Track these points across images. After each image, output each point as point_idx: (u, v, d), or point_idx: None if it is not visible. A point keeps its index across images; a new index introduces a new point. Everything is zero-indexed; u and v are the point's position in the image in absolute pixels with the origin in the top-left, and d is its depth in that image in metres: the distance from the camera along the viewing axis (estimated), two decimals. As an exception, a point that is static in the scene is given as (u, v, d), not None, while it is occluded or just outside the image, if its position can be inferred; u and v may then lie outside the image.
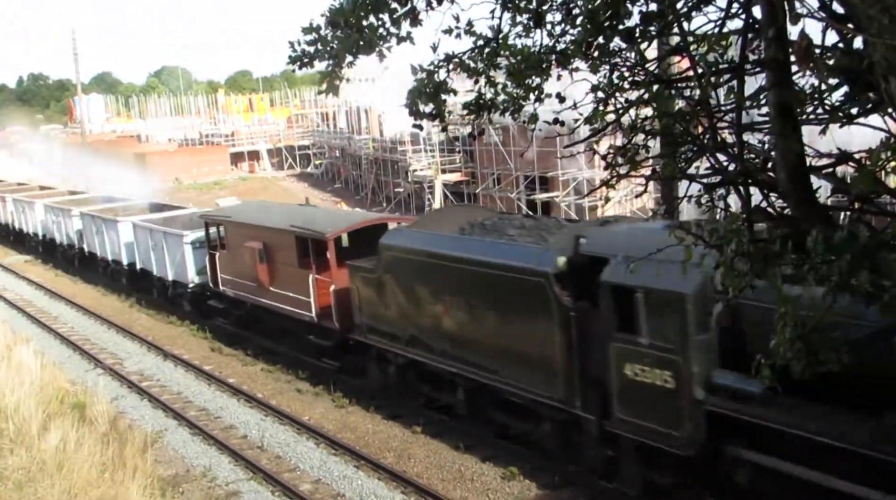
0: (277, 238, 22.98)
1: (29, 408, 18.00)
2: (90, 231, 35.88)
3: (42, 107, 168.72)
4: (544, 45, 5.74)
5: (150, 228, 30.52)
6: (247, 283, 24.39)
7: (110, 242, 33.90)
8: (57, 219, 40.11)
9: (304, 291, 21.76)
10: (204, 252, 27.10)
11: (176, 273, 28.89)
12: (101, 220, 34.73)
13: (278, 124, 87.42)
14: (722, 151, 4.92)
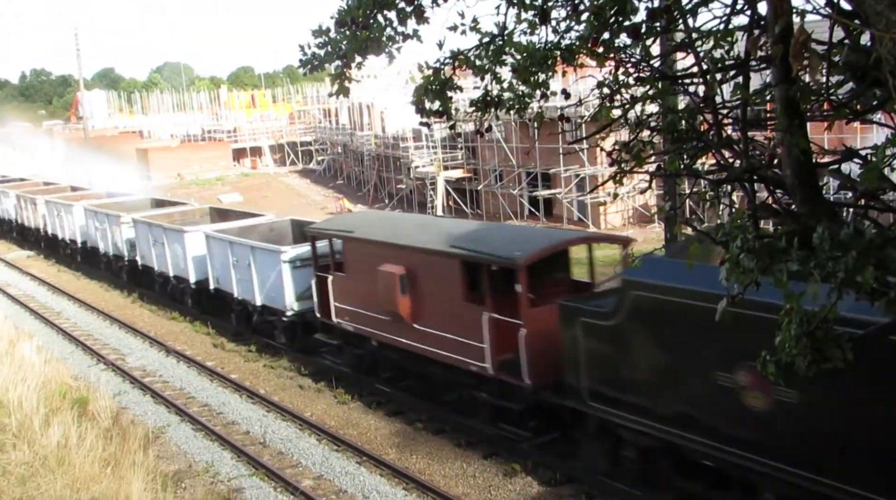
0: (430, 262, 17.67)
1: (31, 403, 18.05)
2: (145, 241, 31.16)
3: (44, 103, 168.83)
4: (549, 41, 5.74)
5: (231, 240, 25.54)
6: (377, 316, 19.37)
7: (173, 256, 29.10)
8: (101, 226, 35.12)
9: (474, 333, 16.55)
10: (307, 273, 22.39)
11: (267, 297, 24.09)
12: (163, 229, 29.64)
13: (280, 120, 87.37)
14: (727, 148, 4.92)
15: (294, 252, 22.86)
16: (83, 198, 41.42)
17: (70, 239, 39.36)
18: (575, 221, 44.66)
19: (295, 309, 23.08)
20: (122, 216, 33.03)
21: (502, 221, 47.47)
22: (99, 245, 35.83)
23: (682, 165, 5.12)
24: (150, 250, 30.78)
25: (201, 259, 27.41)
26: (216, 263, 26.66)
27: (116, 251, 34.13)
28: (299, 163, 79.23)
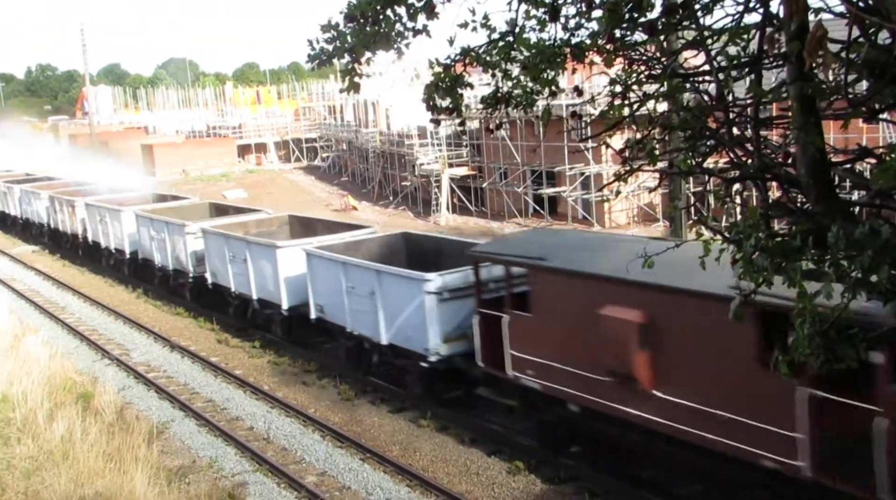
0: (692, 308, 12.53)
1: (36, 398, 18.08)
2: (219, 256, 26.56)
3: (50, 98, 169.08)
4: (559, 38, 5.72)
5: (345, 261, 20.63)
6: (585, 374, 14.44)
7: (258, 275, 24.40)
8: (160, 235, 30.46)
9: (775, 414, 11.59)
10: (461, 308, 17.72)
11: (399, 334, 19.04)
12: (245, 243, 25.03)
13: (285, 117, 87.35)
14: (739, 146, 4.89)
15: (440, 281, 17.80)
16: (135, 203, 36.79)
17: (117, 249, 34.75)
18: (579, 219, 44.63)
19: (441, 353, 17.80)
20: (187, 226, 28.38)
21: (507, 220, 47.48)
22: (154, 257, 31.27)
23: (693, 163, 5.10)
24: (224, 267, 26.05)
25: (297, 280, 22.78)
26: (322, 287, 21.65)
27: (178, 266, 29.51)
28: (304, 159, 79.22)
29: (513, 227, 46.20)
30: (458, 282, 17.91)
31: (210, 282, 27.56)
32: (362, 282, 19.85)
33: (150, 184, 55.02)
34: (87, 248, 38.45)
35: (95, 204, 36.83)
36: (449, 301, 17.85)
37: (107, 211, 35.33)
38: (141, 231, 32.19)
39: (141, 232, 32.20)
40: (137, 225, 32.49)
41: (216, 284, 27.28)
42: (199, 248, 28.07)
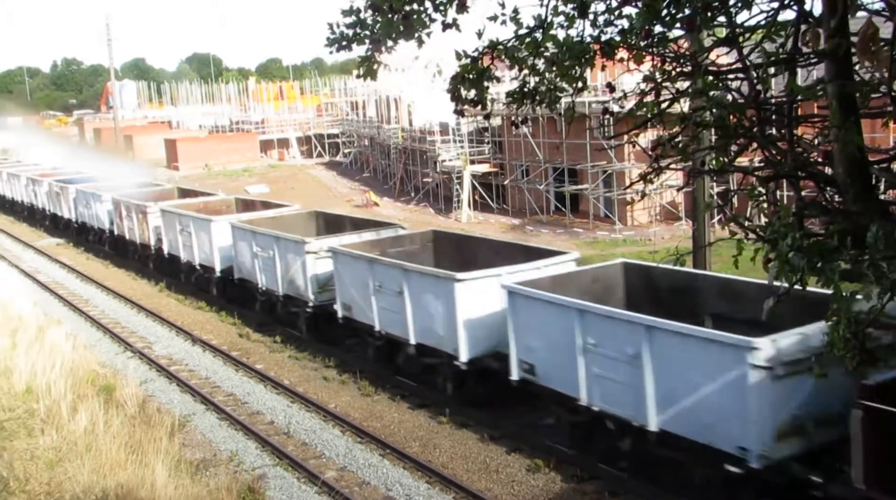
0: None
1: (60, 389, 18.21)
2: (361, 287, 20.62)
3: (76, 92, 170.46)
4: (588, 34, 5.68)
5: (584, 309, 14.95)
6: None
7: (421, 316, 18.89)
8: (264, 251, 25.13)
9: None
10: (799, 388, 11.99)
11: (690, 422, 13.24)
12: (405, 273, 19.09)
13: (308, 112, 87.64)
14: (773, 145, 4.83)
15: (775, 349, 11.89)
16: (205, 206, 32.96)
17: (203, 264, 29.57)
18: (601, 217, 44.46)
19: (771, 457, 12.15)
20: (308, 243, 23.16)
21: (528, 217, 47.38)
22: (257, 278, 25.97)
23: (726, 161, 5.05)
24: (368, 303, 20.36)
25: (481, 326, 17.66)
26: (542, 338, 16.05)
27: (293, 291, 24.16)
28: (326, 155, 79.44)
29: (534, 224, 46.11)
30: (796, 349, 11.87)
31: (341, 316, 22.01)
32: (622, 344, 14.19)
33: (161, 178, 55.33)
34: (162, 262, 33.25)
35: (175, 211, 31.63)
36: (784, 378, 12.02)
37: (191, 220, 30.06)
38: (239, 246, 26.99)
39: (239, 247, 27.00)
40: (234, 238, 27.25)
41: (350, 318, 21.73)
42: (324, 270, 22.66)
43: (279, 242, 24.45)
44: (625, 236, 41.53)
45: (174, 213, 31.62)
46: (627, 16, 5.47)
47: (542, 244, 29.43)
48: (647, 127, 5.84)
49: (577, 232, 43.45)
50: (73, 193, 43.17)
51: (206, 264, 29.54)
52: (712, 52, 5.64)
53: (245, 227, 26.67)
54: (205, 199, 35.16)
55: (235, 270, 27.49)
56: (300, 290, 23.70)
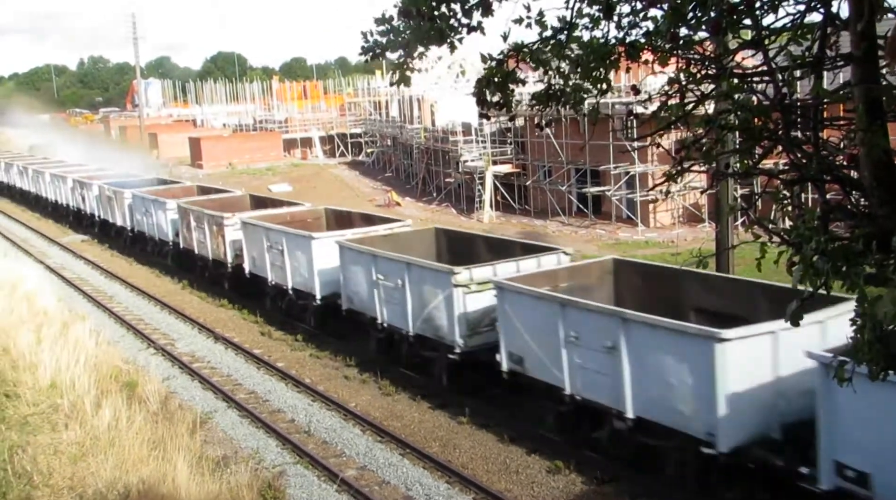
0: None
1: (84, 385, 18.35)
2: (539, 332, 16.53)
3: (102, 90, 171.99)
4: (613, 36, 5.67)
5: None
6: None
7: (682, 384, 13.85)
8: (390, 280, 20.74)
9: None
10: None
11: None
12: (649, 330, 14.36)
13: (331, 112, 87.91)
14: (798, 148, 4.81)
15: None
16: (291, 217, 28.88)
17: (298, 289, 25.45)
18: (623, 218, 44.30)
19: None
20: (457, 274, 18.66)
21: (550, 218, 47.29)
22: (377, 313, 21.60)
23: (751, 163, 5.03)
24: (554, 356, 16.20)
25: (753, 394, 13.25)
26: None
27: (430, 331, 19.79)
28: (349, 155, 79.63)
29: (556, 225, 46.02)
30: None
31: (508, 372, 17.64)
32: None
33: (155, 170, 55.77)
34: (240, 282, 29.09)
35: (261, 225, 27.23)
36: None
37: (284, 236, 25.71)
38: (350, 272, 22.50)
39: (350, 273, 22.53)
40: (344, 261, 22.83)
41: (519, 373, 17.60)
42: (477, 308, 18.68)
43: (412, 270, 20.07)
44: (647, 238, 41.36)
45: (260, 226, 27.05)
46: (653, 17, 5.46)
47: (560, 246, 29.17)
48: (670, 129, 5.83)
49: (600, 233, 43.32)
50: (129, 199, 38.77)
51: (301, 289, 25.18)
52: (737, 54, 5.62)
53: (362, 249, 22.11)
54: (291, 209, 30.67)
55: (344, 299, 22.87)
56: (440, 331, 19.32)
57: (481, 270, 18.87)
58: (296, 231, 25.64)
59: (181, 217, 33.14)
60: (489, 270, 18.84)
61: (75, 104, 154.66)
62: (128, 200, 39.08)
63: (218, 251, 30.02)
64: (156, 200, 36.05)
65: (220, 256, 29.90)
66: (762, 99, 4.99)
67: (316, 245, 24.05)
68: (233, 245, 28.95)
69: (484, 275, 18.68)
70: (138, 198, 38.11)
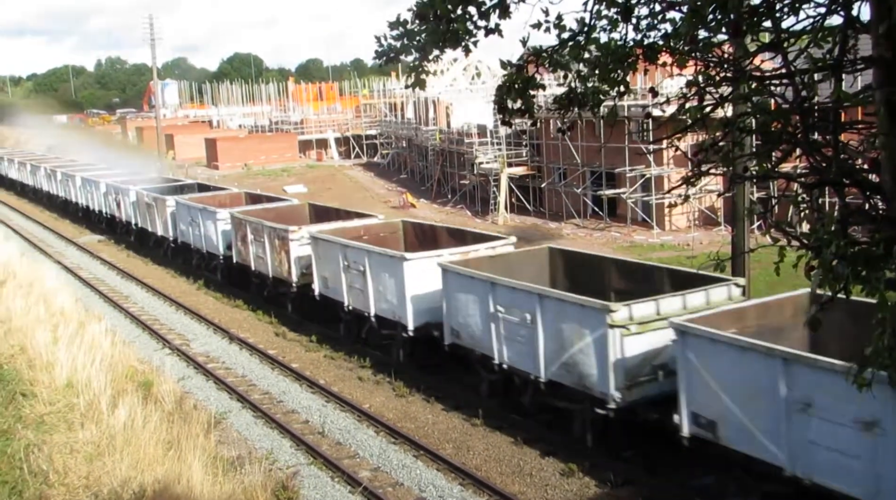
0: None
1: (99, 384, 18.41)
2: (742, 391, 13.27)
3: (119, 91, 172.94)
4: (631, 39, 5.65)
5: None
6: None
7: None
8: (514, 313, 17.59)
9: None
10: None
11: None
12: None
13: (346, 113, 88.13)
14: (818, 152, 4.77)
15: None
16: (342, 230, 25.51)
17: (383, 316, 22.06)
18: (639, 221, 44.17)
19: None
20: (614, 311, 15.41)
21: (565, 220, 47.21)
22: (493, 351, 18.30)
23: (769, 166, 4.99)
24: (738, 409, 13.35)
25: None
26: None
27: (571, 378, 16.42)
28: (364, 156, 79.79)
29: (571, 228, 45.93)
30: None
31: None
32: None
33: None
34: (308, 303, 25.73)
35: (335, 240, 23.60)
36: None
37: (366, 255, 22.21)
38: (456, 299, 19.32)
39: (455, 300, 19.35)
40: (448, 287, 19.60)
41: None
42: (637, 353, 15.48)
43: (547, 303, 16.78)
44: (662, 241, 41.22)
45: (336, 243, 23.35)
46: (671, 20, 5.45)
47: (579, 248, 28.97)
48: (688, 132, 5.81)
49: (615, 236, 43.21)
50: (173, 207, 35.28)
51: (387, 318, 21.70)
52: (756, 57, 5.59)
53: (476, 274, 18.77)
54: (365, 222, 26.69)
55: (448, 332, 19.67)
56: (587, 380, 15.98)
57: (642, 306, 15.60)
58: (383, 250, 21.65)
59: (235, 229, 29.71)
60: (651, 306, 15.65)
61: (93, 105, 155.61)
62: (170, 208, 35.57)
63: (280, 269, 26.63)
64: (204, 210, 32.36)
65: (283, 274, 26.47)
66: (781, 102, 4.96)
67: (409, 267, 20.52)
68: (299, 262, 25.61)
69: (646, 312, 15.55)
70: (183, 206, 34.55)
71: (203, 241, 32.72)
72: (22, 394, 18.42)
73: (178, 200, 35.35)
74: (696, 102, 5.28)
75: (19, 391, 18.57)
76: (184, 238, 34.74)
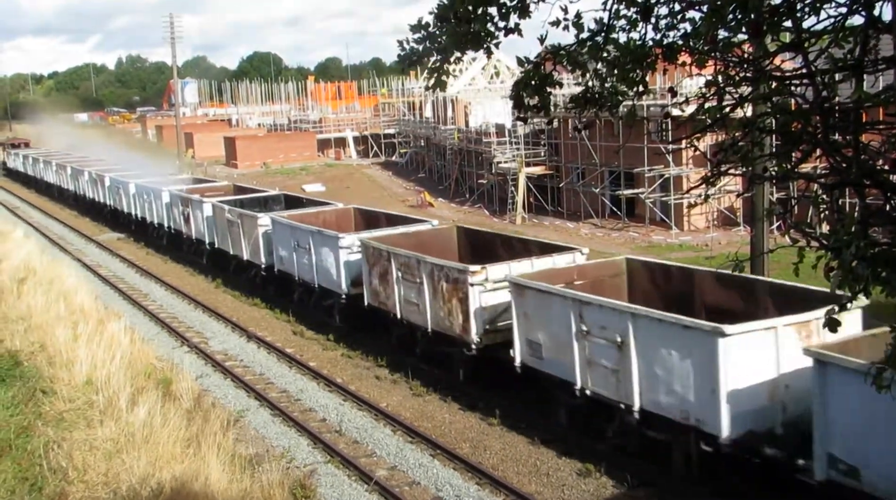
0: None
1: (118, 381, 18.55)
2: None
3: (139, 89, 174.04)
4: (650, 38, 5.63)
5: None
6: None
7: None
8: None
9: None
10: None
11: None
12: None
13: (365, 112, 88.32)
14: (839, 152, 4.74)
15: None
16: None
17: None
18: (657, 221, 44.00)
19: None
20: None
21: (583, 220, 47.09)
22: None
23: (789, 167, 4.96)
24: None
25: None
26: None
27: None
28: (382, 155, 79.92)
29: (589, 228, 45.82)
30: None
31: None
32: None
33: None
34: (498, 369, 19.01)
35: (557, 292, 17.11)
36: None
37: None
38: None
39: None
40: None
41: None
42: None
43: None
44: (681, 241, 41.05)
45: (559, 296, 16.88)
46: (690, 19, 5.43)
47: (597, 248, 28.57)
48: (707, 132, 5.79)
49: (633, 236, 43.08)
50: (266, 226, 29.34)
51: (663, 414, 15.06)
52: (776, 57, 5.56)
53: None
54: (595, 262, 20.53)
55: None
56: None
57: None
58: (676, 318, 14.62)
59: (368, 260, 23.10)
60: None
61: (113, 103, 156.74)
62: (264, 228, 29.49)
63: (449, 322, 20.01)
64: (320, 233, 25.90)
65: (454, 329, 19.90)
66: (801, 102, 4.93)
67: None
68: (482, 316, 19.24)
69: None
70: (284, 227, 28.10)
71: (315, 273, 26.09)
72: (42, 391, 18.57)
73: (277, 219, 28.93)
74: (715, 102, 5.26)
75: (39, 388, 18.73)
76: (284, 267, 28.22)
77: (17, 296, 26.87)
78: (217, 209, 33.35)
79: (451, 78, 6.21)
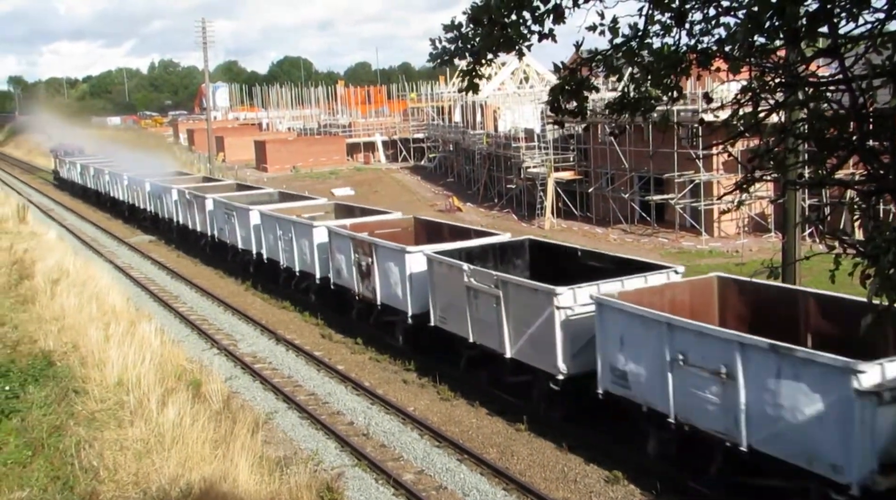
0: None
1: (149, 382, 18.69)
2: None
3: (171, 93, 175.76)
4: (684, 44, 5.61)
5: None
6: None
7: None
8: None
9: None
10: None
11: None
12: None
13: (394, 117, 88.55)
14: (876, 159, 4.70)
15: None
16: None
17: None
18: (687, 227, 43.73)
19: None
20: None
21: (612, 226, 46.89)
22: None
23: (825, 173, 4.92)
24: None
25: None
26: None
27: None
28: (411, 159, 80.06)
29: (618, 233, 45.62)
30: None
31: None
32: None
33: None
34: None
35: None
36: None
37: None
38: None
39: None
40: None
41: None
42: None
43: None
44: (711, 248, 40.77)
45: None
46: (725, 24, 5.40)
47: (633, 255, 28.00)
48: (740, 138, 5.76)
49: (662, 242, 42.84)
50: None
51: None
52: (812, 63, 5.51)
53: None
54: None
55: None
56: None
57: None
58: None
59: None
60: None
61: (145, 107, 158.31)
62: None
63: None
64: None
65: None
66: (837, 108, 4.89)
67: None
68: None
69: None
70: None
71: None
72: (74, 391, 18.76)
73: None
74: (750, 108, 5.22)
75: (72, 388, 18.91)
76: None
77: (51, 297, 27.17)
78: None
79: (483, 80, 6.23)
